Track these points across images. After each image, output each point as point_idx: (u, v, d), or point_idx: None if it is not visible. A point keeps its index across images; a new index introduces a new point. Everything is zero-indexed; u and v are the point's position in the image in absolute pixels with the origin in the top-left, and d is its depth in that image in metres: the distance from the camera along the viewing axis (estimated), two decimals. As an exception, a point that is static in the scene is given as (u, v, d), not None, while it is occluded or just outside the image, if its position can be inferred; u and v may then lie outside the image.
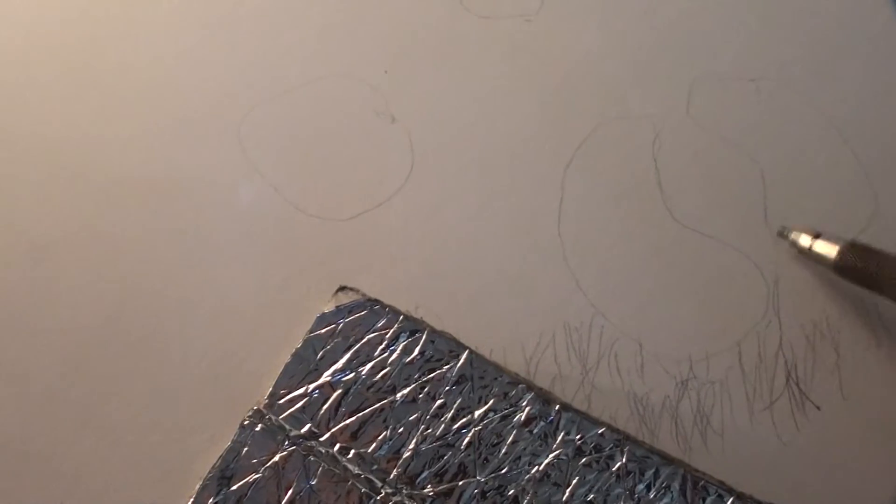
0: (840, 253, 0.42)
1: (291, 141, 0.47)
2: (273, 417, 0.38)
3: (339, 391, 0.39)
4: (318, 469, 0.37)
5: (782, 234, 0.45)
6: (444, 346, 0.40)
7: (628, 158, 0.47)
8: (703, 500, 0.37)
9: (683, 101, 0.49)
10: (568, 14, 0.51)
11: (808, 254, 0.43)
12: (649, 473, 0.37)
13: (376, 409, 0.38)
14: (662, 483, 0.37)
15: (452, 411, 0.38)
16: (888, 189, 0.46)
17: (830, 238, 0.42)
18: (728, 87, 0.49)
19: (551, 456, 0.38)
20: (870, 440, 0.41)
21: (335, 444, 0.38)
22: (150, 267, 0.43)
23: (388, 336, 0.40)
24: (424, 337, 0.40)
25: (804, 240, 0.43)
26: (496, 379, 0.39)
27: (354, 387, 0.39)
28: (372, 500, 0.36)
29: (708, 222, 0.45)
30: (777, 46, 0.51)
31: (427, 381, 0.39)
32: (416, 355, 0.39)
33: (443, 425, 0.38)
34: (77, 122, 0.47)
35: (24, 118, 0.47)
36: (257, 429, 0.38)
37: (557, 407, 0.39)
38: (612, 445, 0.38)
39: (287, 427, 0.38)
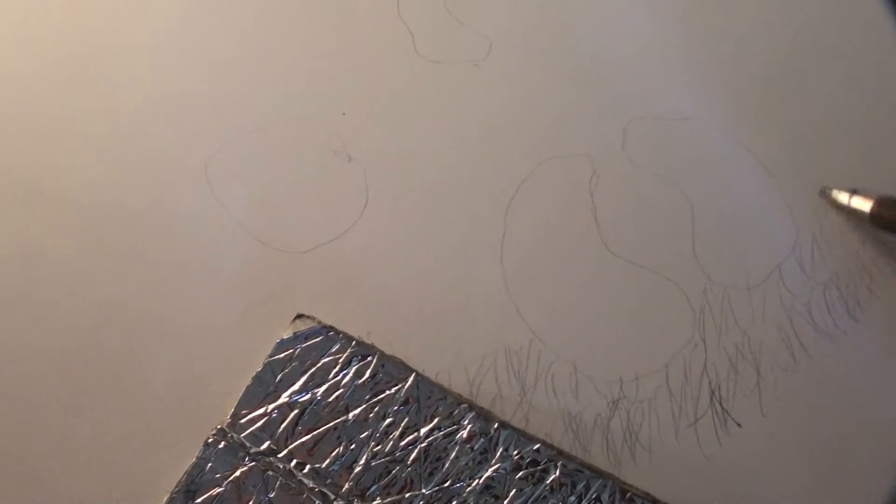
0: (875, 205, 0.45)
1: (255, 178, 0.48)
2: (235, 435, 0.40)
3: (297, 411, 0.41)
4: (276, 483, 0.39)
5: (823, 194, 0.48)
6: (393, 370, 0.42)
7: (567, 194, 0.48)
8: (629, 510, 0.39)
9: (619, 139, 0.50)
10: (513, 59, 0.53)
11: (845, 209, 0.47)
12: (580, 486, 0.39)
13: (330, 427, 0.40)
14: (592, 495, 0.39)
15: (400, 429, 0.40)
16: (808, 225, 0.48)
17: (865, 194, 0.46)
18: (661, 127, 0.51)
19: (491, 470, 0.40)
20: (788, 455, 0.42)
21: (292, 460, 0.40)
22: (122, 295, 0.44)
23: (341, 360, 0.42)
24: (375, 361, 0.42)
25: (842, 196, 0.47)
26: (441, 399, 0.41)
27: (310, 407, 0.41)
28: (325, 512, 0.38)
29: (640, 254, 0.47)
30: (708, 88, 0.52)
31: (377, 402, 0.41)
32: (368, 378, 0.42)
33: (391, 442, 0.40)
34: (54, 154, 0.48)
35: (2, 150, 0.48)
36: (220, 446, 0.40)
37: (497, 425, 0.41)
38: (546, 460, 0.40)
39: (248, 444, 0.40)
